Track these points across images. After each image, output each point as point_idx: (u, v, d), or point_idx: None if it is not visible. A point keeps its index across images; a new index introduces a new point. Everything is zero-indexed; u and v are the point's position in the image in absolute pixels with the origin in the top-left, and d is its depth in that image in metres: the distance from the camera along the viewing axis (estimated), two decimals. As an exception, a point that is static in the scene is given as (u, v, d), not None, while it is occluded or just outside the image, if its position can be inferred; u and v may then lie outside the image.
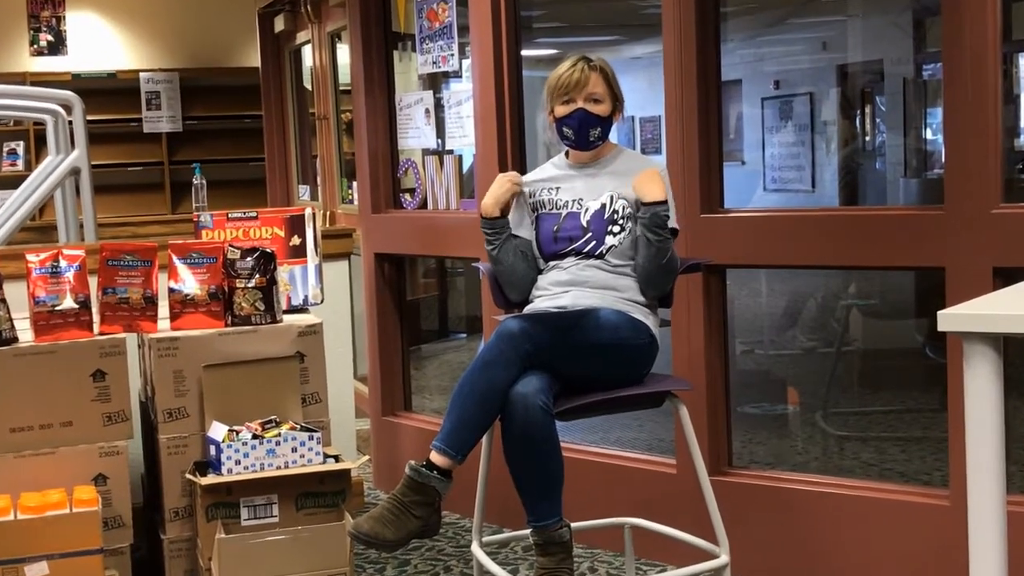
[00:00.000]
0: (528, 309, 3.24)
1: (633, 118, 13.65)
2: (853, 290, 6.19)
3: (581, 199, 3.26)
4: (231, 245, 3.60)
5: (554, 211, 3.28)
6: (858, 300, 6.11)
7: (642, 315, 3.20)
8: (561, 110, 3.26)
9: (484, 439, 3.09)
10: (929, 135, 7.83)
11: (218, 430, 3.40)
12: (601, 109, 3.24)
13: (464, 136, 4.54)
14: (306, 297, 3.84)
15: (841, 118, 9.02)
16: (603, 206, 3.23)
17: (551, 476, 3.01)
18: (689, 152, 3.76)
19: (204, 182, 5.95)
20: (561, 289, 3.20)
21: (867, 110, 9.01)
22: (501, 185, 3.31)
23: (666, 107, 3.84)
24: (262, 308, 3.56)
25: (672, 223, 3.18)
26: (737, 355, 6.14)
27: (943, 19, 3.27)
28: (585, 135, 3.24)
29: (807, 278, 6.73)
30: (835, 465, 4.99)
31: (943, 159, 3.34)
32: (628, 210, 3.21)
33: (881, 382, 6.00)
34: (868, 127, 8.97)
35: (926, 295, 5.53)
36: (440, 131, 4.75)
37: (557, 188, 3.31)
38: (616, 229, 3.19)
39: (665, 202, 3.15)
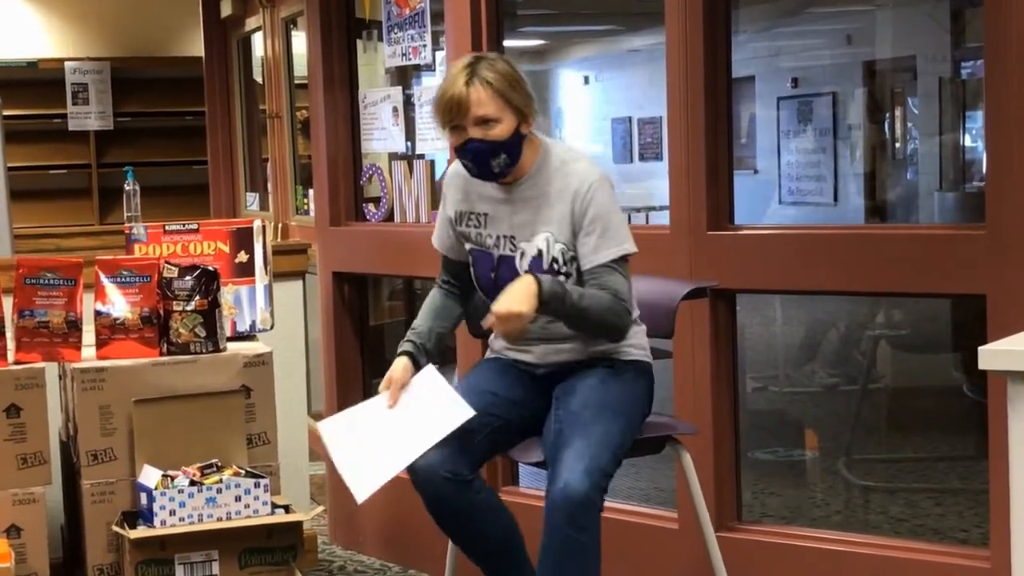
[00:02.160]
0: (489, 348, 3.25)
1: (630, 119, 13.72)
2: (881, 319, 6.22)
3: (513, 238, 3.19)
4: (167, 262, 3.60)
5: (484, 250, 3.25)
6: (886, 331, 6.13)
7: (631, 345, 3.23)
8: (452, 140, 3.15)
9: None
10: (968, 142, 7.87)
11: (150, 475, 3.38)
12: (498, 132, 3.06)
13: (437, 139, 4.54)
14: (253, 322, 3.83)
15: (868, 122, 9.06)
16: (540, 253, 3.15)
17: (490, 543, 3.14)
18: (694, 159, 3.77)
19: (137, 188, 5.94)
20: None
21: (897, 113, 9.06)
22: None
23: (668, 107, 3.85)
24: (203, 335, 3.55)
25: (622, 247, 3.13)
26: (748, 393, 6.15)
27: (985, 10, 3.30)
28: (486, 167, 3.11)
29: (828, 305, 6.75)
30: (859, 520, 5.00)
31: (984, 170, 3.35)
32: (569, 253, 3.16)
33: (912, 425, 6.01)
34: (899, 132, 9.02)
35: (964, 326, 5.54)
36: (410, 133, 4.75)
37: (483, 218, 3.24)
38: (560, 279, 3.13)
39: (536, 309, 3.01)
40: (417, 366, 3.22)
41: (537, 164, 3.16)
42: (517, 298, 2.97)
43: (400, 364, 3.23)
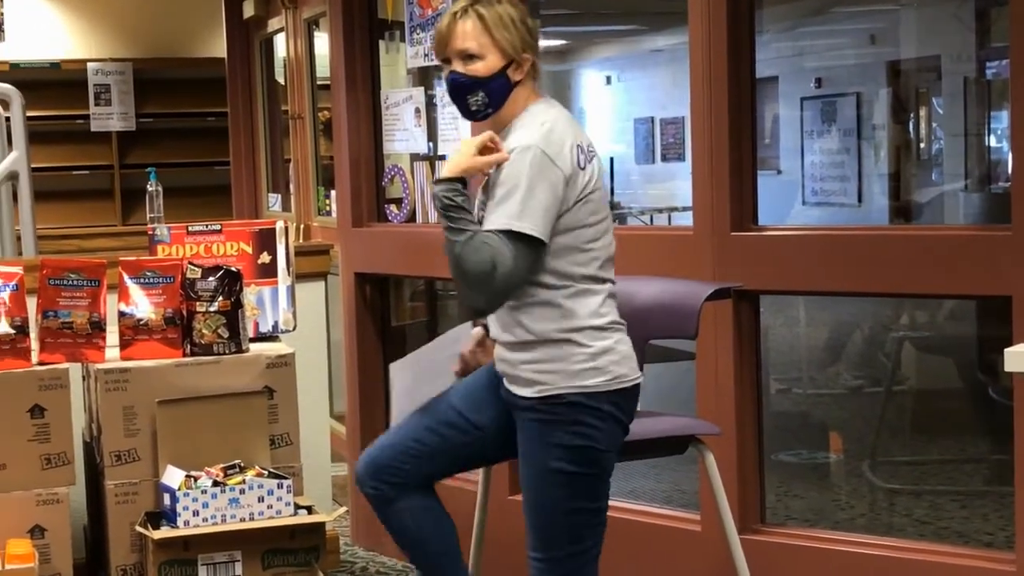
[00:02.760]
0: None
1: (653, 120, 13.71)
2: (905, 321, 6.20)
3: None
4: (191, 263, 3.61)
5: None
6: (911, 332, 6.11)
7: (566, 371, 2.87)
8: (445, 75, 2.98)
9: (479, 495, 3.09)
10: (994, 142, 7.84)
11: (173, 476, 3.40)
12: (477, 68, 2.87)
13: (459, 139, 4.55)
14: (276, 323, 3.85)
15: (892, 122, 9.04)
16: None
17: (423, 549, 3.09)
18: (718, 159, 3.77)
19: (160, 189, 5.95)
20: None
21: (922, 113, 9.03)
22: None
23: (692, 107, 3.85)
24: (226, 335, 3.57)
25: (509, 222, 2.74)
26: (771, 394, 6.14)
27: (1012, 9, 3.29)
28: (463, 105, 2.92)
29: (852, 306, 6.74)
30: (884, 523, 4.98)
31: (1010, 170, 3.34)
32: (481, 213, 2.90)
33: (937, 427, 5.99)
34: (923, 133, 8.99)
35: (990, 327, 5.53)
36: (432, 133, 4.76)
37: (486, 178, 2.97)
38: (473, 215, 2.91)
39: (444, 180, 2.80)
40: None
41: (518, 119, 2.94)
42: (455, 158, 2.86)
43: (476, 336, 3.17)
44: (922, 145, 8.98)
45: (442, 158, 4.71)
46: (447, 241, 2.77)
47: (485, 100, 2.90)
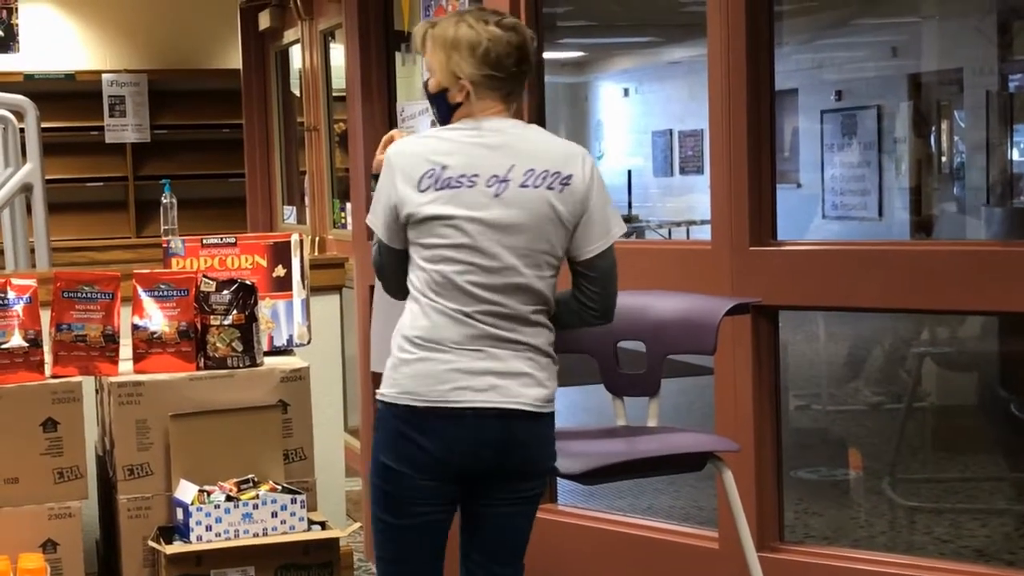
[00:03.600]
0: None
1: (671, 132, 13.71)
2: (926, 336, 6.18)
3: None
4: (205, 276, 3.62)
5: None
6: (932, 348, 6.09)
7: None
8: None
9: None
10: (1016, 156, 7.83)
11: (187, 490, 3.40)
12: (430, 83, 2.96)
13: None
14: (291, 337, 3.85)
15: (913, 135, 9.03)
16: None
17: None
18: (737, 172, 3.77)
19: (174, 201, 5.97)
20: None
21: (944, 126, 9.02)
22: None
23: (710, 120, 3.85)
24: (240, 349, 3.58)
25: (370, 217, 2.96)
26: (790, 411, 6.12)
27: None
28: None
29: (872, 321, 6.72)
30: (904, 541, 4.97)
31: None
32: None
33: (959, 444, 5.97)
34: (945, 146, 8.98)
35: (1012, 343, 5.51)
36: (448, 146, 4.76)
37: None
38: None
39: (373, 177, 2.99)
40: None
41: None
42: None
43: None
44: (944, 159, 8.97)
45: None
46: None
47: (435, 113, 3.00)
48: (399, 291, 2.96)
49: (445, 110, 2.94)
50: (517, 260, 2.84)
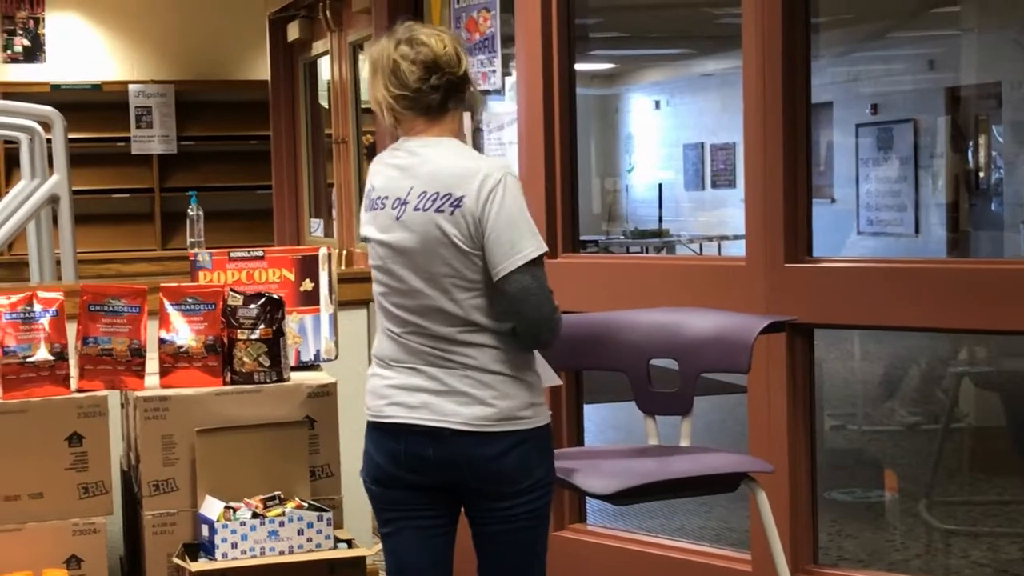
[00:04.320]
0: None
1: (703, 145, 13.70)
2: (964, 356, 6.14)
3: None
4: (232, 290, 3.63)
5: None
6: (970, 368, 6.06)
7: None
8: None
9: None
10: (1056, 172, 7.78)
11: (212, 507, 3.40)
12: None
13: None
14: (318, 352, 3.85)
15: (951, 150, 8.99)
16: None
17: None
18: (772, 187, 3.76)
19: (201, 213, 5.99)
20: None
21: (982, 141, 8.97)
22: None
23: (745, 133, 3.84)
24: (267, 364, 3.58)
25: None
26: (825, 431, 6.10)
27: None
28: None
29: (909, 340, 6.69)
30: (940, 564, 4.94)
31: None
32: None
33: (996, 466, 5.94)
34: (983, 161, 8.94)
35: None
36: (478, 159, 4.77)
37: None
38: None
39: None
40: None
41: None
42: None
43: None
44: (981, 174, 8.92)
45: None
46: None
47: None
48: None
49: (390, 128, 3.02)
50: (421, 283, 2.88)
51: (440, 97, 2.91)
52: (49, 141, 5.95)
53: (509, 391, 2.88)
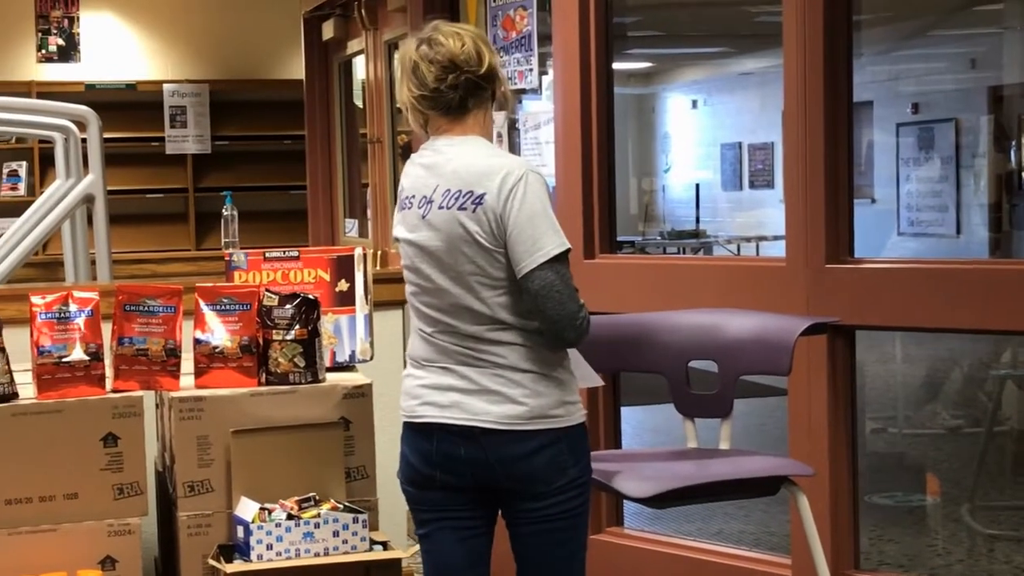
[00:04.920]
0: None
1: (741, 145, 13.65)
2: (1007, 358, 6.10)
3: None
4: (268, 290, 3.64)
5: None
6: (1013, 370, 6.02)
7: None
8: None
9: None
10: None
11: (247, 508, 3.41)
12: None
13: (543, 165, 4.56)
14: (353, 352, 3.86)
15: (993, 150, 8.93)
16: None
17: None
18: (813, 187, 3.74)
19: (235, 213, 6.01)
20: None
21: (1024, 141, 8.91)
22: None
23: (785, 132, 3.83)
24: (302, 365, 3.58)
25: None
26: (866, 434, 6.07)
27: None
28: None
29: (951, 342, 6.66)
30: (983, 570, 4.90)
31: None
32: None
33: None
34: (1027, 161, 8.88)
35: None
36: (514, 159, 4.77)
37: None
38: None
39: None
40: None
41: None
42: None
43: None
44: (1024, 174, 8.86)
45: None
46: None
47: None
48: None
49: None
50: (448, 282, 2.90)
51: (459, 96, 2.93)
52: (84, 141, 5.98)
53: (540, 389, 2.88)
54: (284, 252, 3.87)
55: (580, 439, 2.93)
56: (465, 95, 2.93)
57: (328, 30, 7.84)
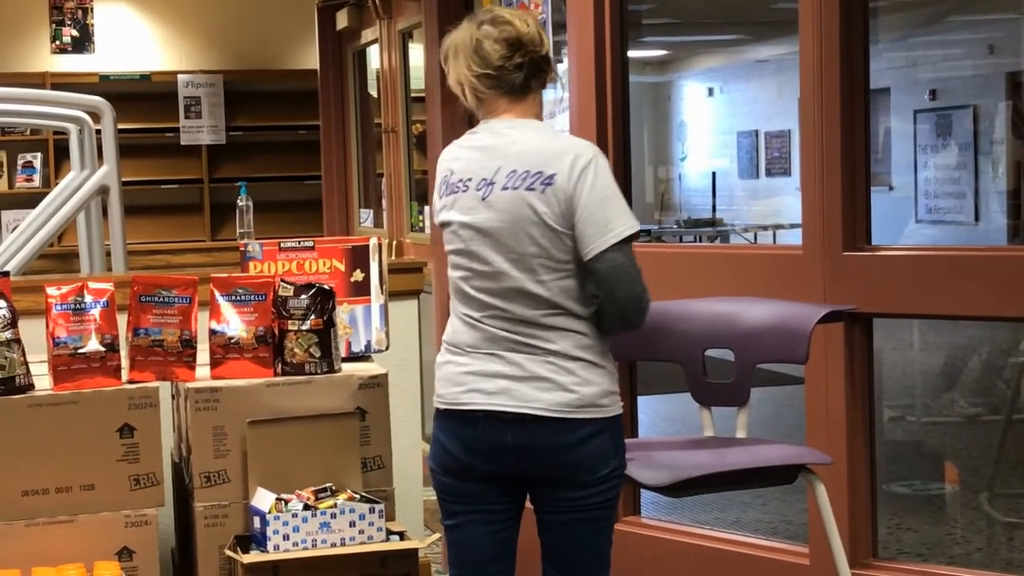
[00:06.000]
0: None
1: (757, 133, 13.62)
2: (1026, 346, 6.10)
3: None
4: (283, 280, 3.64)
5: None
6: (1032, 358, 6.02)
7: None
8: None
9: None
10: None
11: (264, 499, 3.42)
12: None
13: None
14: (369, 343, 3.86)
15: (1012, 136, 8.90)
16: None
17: None
18: (830, 175, 3.73)
19: (250, 203, 6.01)
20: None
21: (1043, 127, 8.88)
22: None
23: (801, 120, 3.82)
24: (317, 355, 3.59)
25: None
26: (884, 422, 6.06)
27: None
28: None
29: (969, 329, 6.64)
30: (1002, 558, 4.90)
31: None
32: None
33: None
34: (1045, 148, 8.85)
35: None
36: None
37: None
38: None
39: None
40: None
41: None
42: None
43: None
44: (1043, 160, 8.83)
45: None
46: None
47: None
48: None
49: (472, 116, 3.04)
50: (508, 264, 2.87)
51: (524, 76, 2.92)
52: (98, 132, 5.99)
53: (590, 378, 2.88)
54: (299, 242, 3.87)
55: (621, 429, 2.95)
56: (529, 75, 2.93)
57: (342, 19, 7.84)
